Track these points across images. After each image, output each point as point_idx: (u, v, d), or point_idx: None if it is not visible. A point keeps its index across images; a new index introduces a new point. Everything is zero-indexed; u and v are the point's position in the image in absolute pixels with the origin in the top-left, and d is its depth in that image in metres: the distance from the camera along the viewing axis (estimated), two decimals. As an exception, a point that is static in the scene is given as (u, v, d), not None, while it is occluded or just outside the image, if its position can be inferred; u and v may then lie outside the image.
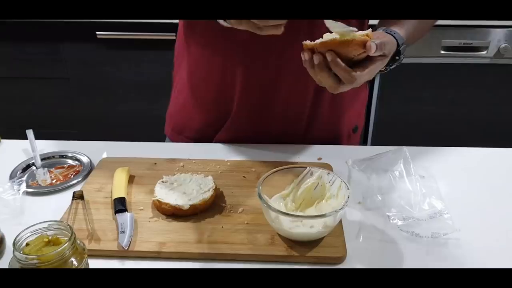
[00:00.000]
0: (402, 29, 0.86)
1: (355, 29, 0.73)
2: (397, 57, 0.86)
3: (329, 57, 0.73)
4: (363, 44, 0.73)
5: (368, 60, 0.77)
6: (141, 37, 1.90)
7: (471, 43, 1.92)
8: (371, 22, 1.01)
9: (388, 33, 0.84)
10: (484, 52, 1.93)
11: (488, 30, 1.89)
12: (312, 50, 0.75)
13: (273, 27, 0.73)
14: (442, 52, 1.93)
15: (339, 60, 0.73)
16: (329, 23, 0.73)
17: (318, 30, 0.76)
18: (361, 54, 0.75)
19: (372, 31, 0.86)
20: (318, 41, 0.75)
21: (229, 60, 0.97)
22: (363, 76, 0.76)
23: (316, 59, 0.74)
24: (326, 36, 0.74)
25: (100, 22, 1.88)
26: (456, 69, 1.97)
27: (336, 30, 0.74)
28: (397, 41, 0.84)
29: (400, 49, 0.85)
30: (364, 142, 2.15)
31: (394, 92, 2.01)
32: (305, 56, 0.76)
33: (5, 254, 0.74)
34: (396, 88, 2.00)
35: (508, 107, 2.04)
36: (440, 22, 1.85)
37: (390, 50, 0.81)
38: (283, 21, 0.73)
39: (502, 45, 1.91)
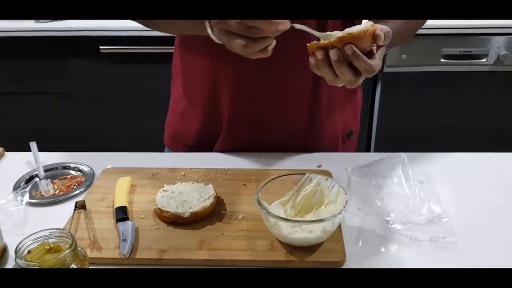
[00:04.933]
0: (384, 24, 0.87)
1: (333, 32, 0.76)
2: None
3: (349, 50, 0.72)
4: (373, 35, 0.74)
5: (373, 50, 0.77)
6: (143, 51, 1.93)
7: (471, 51, 1.94)
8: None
9: None
10: (484, 60, 1.95)
11: (488, 38, 1.91)
12: (324, 49, 0.75)
13: (261, 51, 0.73)
14: (442, 60, 1.95)
15: (359, 52, 0.73)
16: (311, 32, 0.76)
17: (307, 38, 0.78)
18: (371, 45, 0.76)
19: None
20: (320, 36, 0.75)
21: (220, 71, 0.99)
22: (378, 64, 0.76)
23: (335, 54, 0.73)
24: (335, 32, 0.75)
25: (103, 37, 1.91)
26: (456, 77, 1.98)
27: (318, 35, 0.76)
28: None
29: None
30: (367, 150, 2.16)
31: (396, 100, 2.03)
32: (318, 55, 0.75)
33: (7, 264, 0.75)
34: (397, 97, 2.02)
35: (508, 114, 2.05)
36: (439, 31, 1.88)
37: None
38: (270, 43, 0.73)
39: (502, 53, 1.92)
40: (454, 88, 2.00)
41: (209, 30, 0.77)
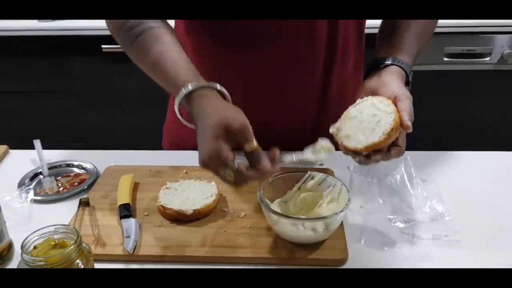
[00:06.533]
0: (406, 53, 0.87)
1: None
2: (407, 87, 0.87)
3: (375, 162, 0.78)
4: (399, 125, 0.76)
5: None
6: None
7: (474, 50, 1.93)
8: (370, 22, 1.03)
9: (396, 64, 0.86)
10: (487, 59, 1.94)
11: (491, 37, 1.90)
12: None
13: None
14: (445, 59, 1.94)
15: (381, 159, 0.78)
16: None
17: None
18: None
19: (380, 59, 0.86)
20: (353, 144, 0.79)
21: (227, 80, 0.99)
22: (399, 151, 0.79)
23: (364, 163, 0.79)
24: (367, 137, 0.77)
25: (105, 36, 1.91)
26: (460, 76, 1.98)
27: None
28: (405, 71, 0.86)
29: (410, 79, 0.87)
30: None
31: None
32: (355, 159, 0.80)
33: (13, 260, 0.76)
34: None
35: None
36: (443, 29, 1.88)
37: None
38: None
39: (506, 51, 1.92)
40: (458, 87, 2.00)
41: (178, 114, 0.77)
